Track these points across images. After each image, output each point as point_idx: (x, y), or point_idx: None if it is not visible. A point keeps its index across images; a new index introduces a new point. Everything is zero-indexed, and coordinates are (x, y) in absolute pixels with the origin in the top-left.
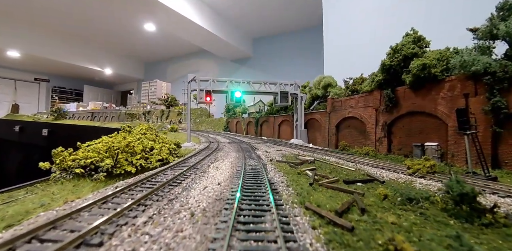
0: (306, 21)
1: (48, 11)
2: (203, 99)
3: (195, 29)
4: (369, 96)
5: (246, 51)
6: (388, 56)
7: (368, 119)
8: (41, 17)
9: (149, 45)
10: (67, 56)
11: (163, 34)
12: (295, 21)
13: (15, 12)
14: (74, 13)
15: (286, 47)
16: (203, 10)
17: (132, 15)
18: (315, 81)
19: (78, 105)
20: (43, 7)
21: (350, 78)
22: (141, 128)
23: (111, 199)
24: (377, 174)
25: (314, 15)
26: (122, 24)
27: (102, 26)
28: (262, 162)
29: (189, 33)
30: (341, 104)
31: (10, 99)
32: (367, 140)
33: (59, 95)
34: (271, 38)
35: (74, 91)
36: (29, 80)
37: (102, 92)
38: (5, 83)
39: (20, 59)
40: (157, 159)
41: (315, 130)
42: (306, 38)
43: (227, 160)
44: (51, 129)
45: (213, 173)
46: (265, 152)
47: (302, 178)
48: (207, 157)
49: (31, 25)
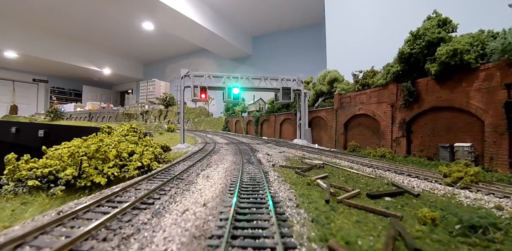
0: (307, 18)
1: (45, 11)
2: (197, 97)
3: (194, 28)
4: (383, 90)
5: (246, 49)
6: (407, 44)
7: (383, 116)
8: (38, 18)
9: (147, 44)
10: (65, 56)
11: (162, 33)
12: (295, 18)
13: (12, 13)
14: (71, 13)
15: (286, 44)
16: (201, 8)
17: (130, 14)
18: (320, 76)
19: (75, 105)
20: (40, 7)
21: (359, 72)
22: (123, 129)
23: (31, 240)
24: (404, 183)
25: (314, 12)
26: (120, 23)
27: (100, 26)
28: (263, 169)
29: (188, 32)
30: (350, 101)
31: (8, 101)
32: (381, 140)
33: (58, 96)
34: (271, 36)
35: (73, 91)
36: (28, 81)
37: (101, 93)
38: (3, 84)
39: (18, 60)
40: (135, 166)
41: (321, 129)
42: (307, 35)
43: (222, 165)
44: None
45: (201, 185)
46: (266, 154)
47: (314, 190)
48: (199, 161)
49: (27, 25)
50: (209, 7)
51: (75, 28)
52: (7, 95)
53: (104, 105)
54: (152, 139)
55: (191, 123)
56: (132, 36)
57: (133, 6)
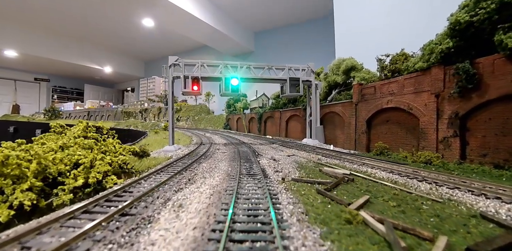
0: (311, 12)
1: (45, 10)
2: (189, 89)
3: (194, 23)
4: (423, 76)
5: (248, 45)
6: (463, 10)
7: (423, 110)
8: (38, 17)
9: (148, 42)
10: (65, 55)
11: (162, 31)
12: (298, 12)
13: (12, 12)
14: (71, 11)
15: (289, 40)
16: (202, 2)
17: (130, 11)
18: (333, 65)
19: (75, 104)
20: (40, 6)
21: (386, 56)
22: (78, 129)
23: None
24: (502, 215)
25: (319, 5)
26: (120, 21)
27: (100, 24)
28: (269, 188)
29: (188, 27)
30: (375, 92)
31: (10, 100)
32: (421, 140)
33: (60, 95)
34: (274, 31)
35: (75, 90)
36: (29, 80)
37: (103, 91)
38: (5, 84)
39: (19, 59)
40: (71, 186)
41: (335, 126)
42: (311, 29)
43: (210, 180)
44: (44, 129)
45: (161, 230)
46: (272, 160)
47: (362, 237)
48: (180, 173)
49: (27, 24)
50: (210, 1)
51: (75, 27)
52: (9, 95)
53: (104, 104)
54: (115, 141)
55: (191, 122)
56: (133, 34)
57: (133, 1)
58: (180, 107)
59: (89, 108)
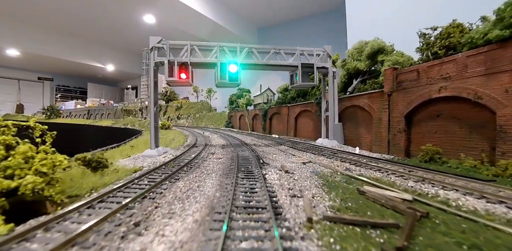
0: (317, 6)
1: (46, 9)
2: (175, 77)
3: (196, 19)
4: (500, 50)
5: (251, 41)
6: None
7: (502, 99)
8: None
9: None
10: (68, 53)
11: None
12: (303, 7)
13: (15, 11)
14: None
15: (294, 35)
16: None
17: (131, 8)
18: (353, 50)
19: (76, 102)
20: (41, 5)
21: (433, 29)
22: None
23: None
24: None
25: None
26: (122, 18)
27: (101, 22)
28: (286, 242)
29: (190, 24)
30: (418, 77)
31: (14, 99)
32: (498, 142)
33: (63, 94)
34: (277, 27)
35: (78, 89)
36: (33, 79)
37: (106, 90)
38: (8, 83)
39: (22, 58)
40: None
41: (358, 124)
42: (318, 24)
43: (175, 225)
44: None
45: None
46: (284, 172)
47: None
48: (129, 207)
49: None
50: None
51: (77, 25)
52: (12, 94)
53: (104, 102)
54: (43, 149)
55: (192, 119)
56: (134, 32)
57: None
58: (181, 104)
59: (89, 107)
